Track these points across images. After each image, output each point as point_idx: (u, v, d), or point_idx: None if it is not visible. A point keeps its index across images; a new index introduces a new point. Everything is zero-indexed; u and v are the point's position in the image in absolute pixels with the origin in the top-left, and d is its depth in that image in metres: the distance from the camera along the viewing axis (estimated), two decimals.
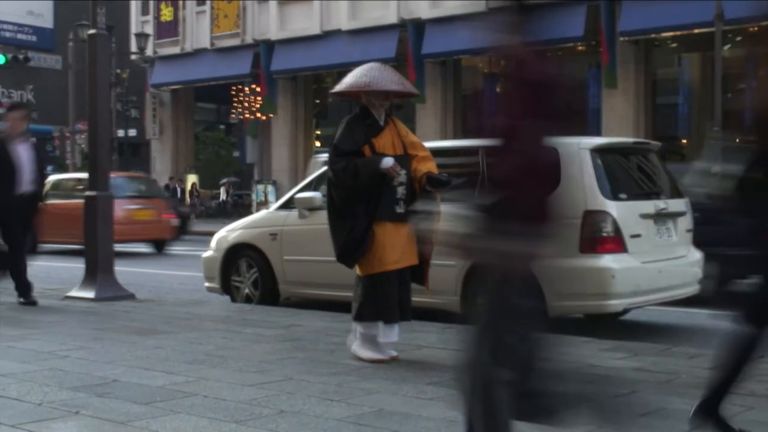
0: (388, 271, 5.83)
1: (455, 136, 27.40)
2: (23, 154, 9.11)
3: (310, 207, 8.73)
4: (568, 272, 7.23)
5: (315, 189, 8.89)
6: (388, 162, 5.79)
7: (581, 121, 5.01)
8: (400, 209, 5.87)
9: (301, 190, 9.04)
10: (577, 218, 7.23)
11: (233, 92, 33.30)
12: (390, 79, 5.92)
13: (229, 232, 9.71)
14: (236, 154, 37.47)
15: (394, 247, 5.82)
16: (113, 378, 5.45)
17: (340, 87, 6.04)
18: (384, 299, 5.87)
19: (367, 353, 5.91)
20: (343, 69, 28.85)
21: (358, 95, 6.05)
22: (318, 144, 33.68)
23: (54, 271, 14.01)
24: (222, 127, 40.99)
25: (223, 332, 7.32)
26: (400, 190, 5.89)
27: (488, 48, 3.14)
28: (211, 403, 4.76)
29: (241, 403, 4.77)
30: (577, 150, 7.54)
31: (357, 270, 5.96)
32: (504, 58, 3.18)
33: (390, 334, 5.95)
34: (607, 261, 7.19)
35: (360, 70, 5.97)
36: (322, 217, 8.49)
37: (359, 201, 5.83)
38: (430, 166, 5.95)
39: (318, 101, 33.84)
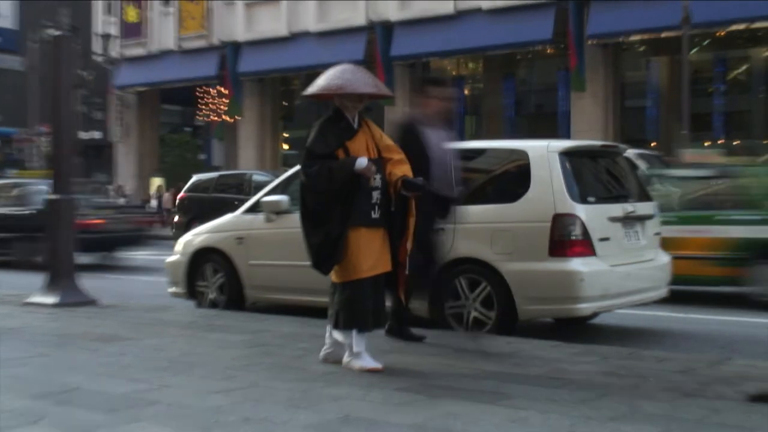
0: (362, 278, 5.77)
1: None
2: None
3: (277, 210, 8.70)
4: (538, 276, 7.26)
5: (282, 192, 8.86)
6: (362, 162, 5.74)
7: None
8: (375, 214, 5.82)
9: (269, 193, 9.00)
10: (546, 221, 7.26)
11: (199, 94, 33.20)
12: (364, 81, 5.86)
13: (195, 236, 9.66)
14: (202, 156, 37.23)
15: (369, 253, 5.77)
16: (75, 386, 5.37)
17: (312, 89, 5.95)
18: (358, 307, 5.81)
19: (358, 363, 5.83)
20: (311, 71, 28.82)
21: (331, 97, 5.99)
22: (285, 147, 33.63)
23: (9, 279, 13.82)
24: (188, 129, 40.72)
25: (188, 338, 7.26)
26: (375, 195, 5.83)
27: None
28: (175, 411, 4.70)
29: (205, 410, 4.71)
30: (546, 153, 7.57)
31: (332, 276, 5.90)
32: None
33: (360, 342, 5.89)
34: (576, 264, 7.22)
35: (333, 72, 5.89)
36: (290, 220, 8.53)
37: (333, 206, 5.76)
38: (405, 170, 5.90)
39: (285, 103, 33.79)
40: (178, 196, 24.07)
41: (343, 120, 5.93)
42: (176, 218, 22.81)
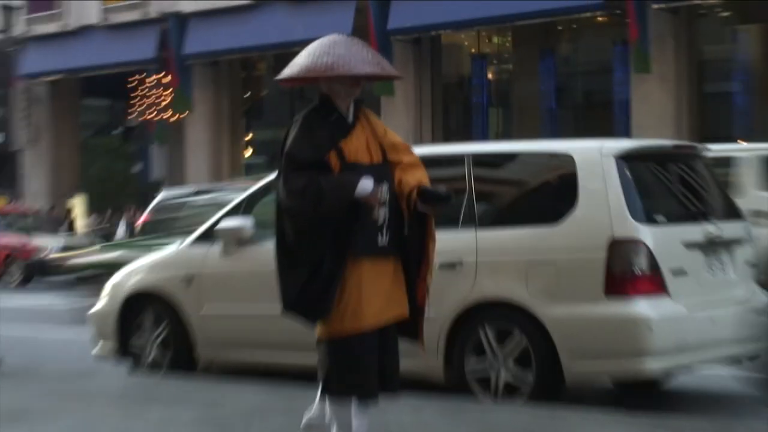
0: (365, 330, 5.67)
1: (434, 139, 27.49)
2: None
3: (239, 239, 8.69)
4: (589, 323, 7.27)
5: (245, 213, 8.86)
6: (366, 187, 5.61)
7: None
8: (382, 240, 5.74)
9: (226, 215, 9.00)
10: (600, 249, 7.28)
11: (133, 84, 33.19)
12: (361, 58, 5.76)
13: (128, 276, 9.65)
14: (137, 167, 37.23)
15: (375, 294, 5.68)
16: None
17: (290, 71, 5.83)
18: (359, 367, 5.69)
19: None
20: (282, 50, 28.74)
21: (316, 81, 5.92)
22: (249, 152, 33.64)
23: None
24: (118, 131, 40.74)
25: (120, 415, 7.22)
26: (382, 214, 5.74)
27: None
28: None
29: None
30: (599, 157, 7.60)
31: (320, 330, 5.77)
32: None
33: (362, 419, 5.78)
34: (642, 307, 7.22)
35: (318, 46, 5.78)
36: (256, 253, 8.54)
37: (324, 232, 5.67)
38: (420, 176, 5.82)
39: (249, 94, 33.83)
40: (140, 219, 24.11)
41: (334, 112, 5.85)
42: None
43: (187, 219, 15.62)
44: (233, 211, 9.00)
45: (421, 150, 7.61)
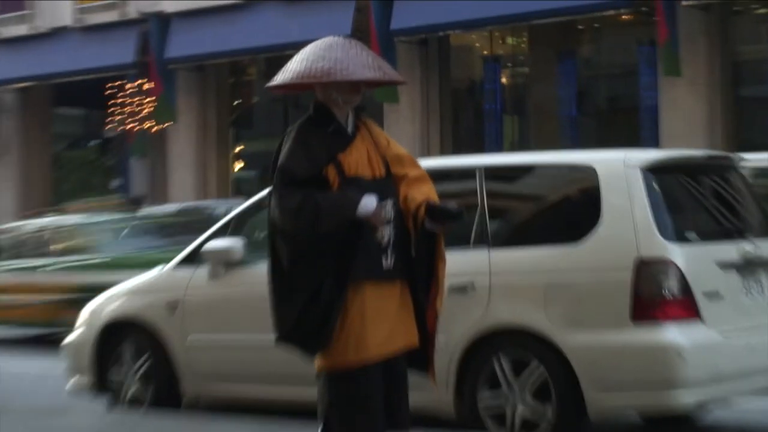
0: (370, 362, 5.67)
1: (442, 151, 27.47)
2: None
3: (228, 262, 8.72)
4: (615, 351, 7.28)
5: (235, 234, 8.88)
6: (368, 206, 5.65)
7: None
8: (387, 262, 5.76)
9: (214, 235, 9.03)
10: (626, 270, 7.30)
11: (110, 91, 33.16)
12: (362, 62, 5.80)
13: (106, 301, 9.67)
14: (116, 182, 37.22)
15: (379, 322, 5.68)
16: None
17: (283, 77, 5.88)
18: (365, 404, 5.69)
19: None
20: (276, 53, 28.75)
21: (311, 87, 5.96)
22: (239, 166, 33.61)
23: None
24: (94, 143, 40.76)
25: None
26: (387, 233, 5.77)
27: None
28: None
29: None
30: (623, 169, 7.62)
31: (319, 362, 5.77)
32: None
33: None
34: (672, 334, 7.23)
35: (313, 50, 5.83)
36: (247, 276, 8.60)
37: (323, 254, 5.69)
38: (428, 191, 5.86)
39: (238, 102, 33.86)
40: None
41: (331, 122, 5.88)
42: None
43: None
44: (221, 231, 9.03)
45: (429, 162, 7.66)
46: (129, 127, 32.45)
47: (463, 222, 6.30)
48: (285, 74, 5.85)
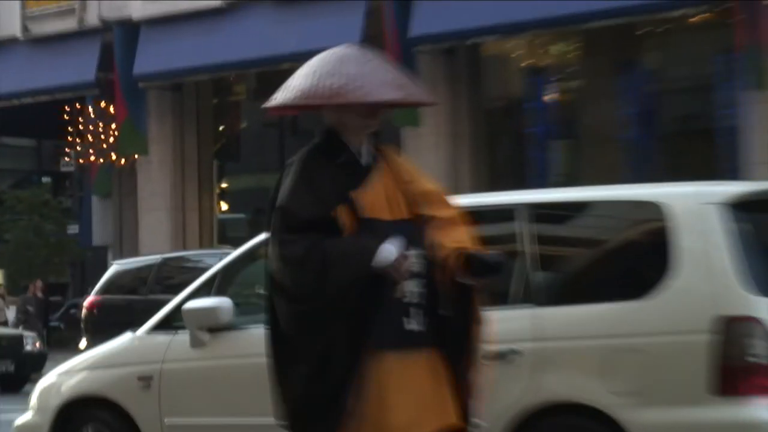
0: None
1: (475, 186, 27.37)
2: None
3: (214, 326, 8.71)
4: (692, 431, 7.28)
5: (220, 292, 8.93)
6: (388, 255, 5.64)
7: None
8: (411, 324, 5.77)
9: (195, 293, 9.08)
10: (703, 332, 7.29)
11: (66, 117, 33.25)
12: (381, 79, 5.82)
13: (64, 376, 9.69)
14: (72, 229, 37.26)
15: (403, 399, 5.68)
16: None
17: (285, 96, 5.89)
18: None
19: None
20: (268, 68, 28.81)
21: (317, 109, 6.02)
22: (224, 207, 33.61)
23: None
24: (46, 180, 40.84)
25: None
26: (411, 288, 5.77)
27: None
28: None
29: None
30: (699, 207, 7.64)
31: None
32: None
33: None
34: (762, 412, 7.19)
35: (322, 62, 5.86)
36: (237, 344, 8.59)
37: (334, 314, 5.69)
38: (462, 237, 5.87)
39: (223, 128, 33.89)
40: (86, 301, 24.24)
41: (343, 151, 5.90)
42: (83, 342, 22.97)
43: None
44: (204, 288, 9.08)
45: (457, 200, 7.67)
46: (90, 160, 32.41)
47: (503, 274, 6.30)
48: (287, 92, 5.86)
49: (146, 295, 22.26)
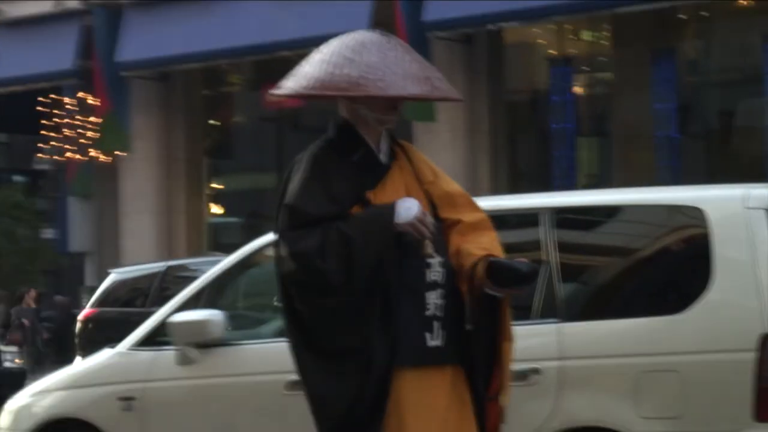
0: None
1: (495, 187, 27.42)
2: None
3: (203, 341, 8.69)
4: None
5: (212, 304, 8.92)
6: (409, 208, 5.69)
7: None
8: (433, 339, 5.76)
9: (184, 306, 9.06)
10: (747, 350, 7.28)
11: (42, 109, 33.32)
12: (403, 71, 5.85)
13: (37, 397, 9.74)
14: (48, 233, 37.38)
15: (422, 421, 5.72)
16: None
17: (296, 84, 5.89)
18: None
19: None
20: (265, 55, 28.88)
21: (329, 99, 6.03)
22: (217, 210, 33.68)
23: None
24: (19, 179, 41.03)
25: None
26: (433, 299, 5.78)
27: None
28: None
29: None
30: (743, 212, 7.62)
31: None
32: None
33: None
34: None
35: (339, 48, 5.86)
36: (230, 360, 8.66)
37: (367, 314, 5.69)
38: (489, 243, 5.87)
39: (216, 123, 34.01)
40: (81, 314, 24.34)
41: (359, 148, 5.90)
42: (77, 359, 23.09)
43: None
44: (192, 300, 9.07)
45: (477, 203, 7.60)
46: (67, 157, 32.48)
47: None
48: (299, 80, 5.86)
49: (148, 307, 22.31)
